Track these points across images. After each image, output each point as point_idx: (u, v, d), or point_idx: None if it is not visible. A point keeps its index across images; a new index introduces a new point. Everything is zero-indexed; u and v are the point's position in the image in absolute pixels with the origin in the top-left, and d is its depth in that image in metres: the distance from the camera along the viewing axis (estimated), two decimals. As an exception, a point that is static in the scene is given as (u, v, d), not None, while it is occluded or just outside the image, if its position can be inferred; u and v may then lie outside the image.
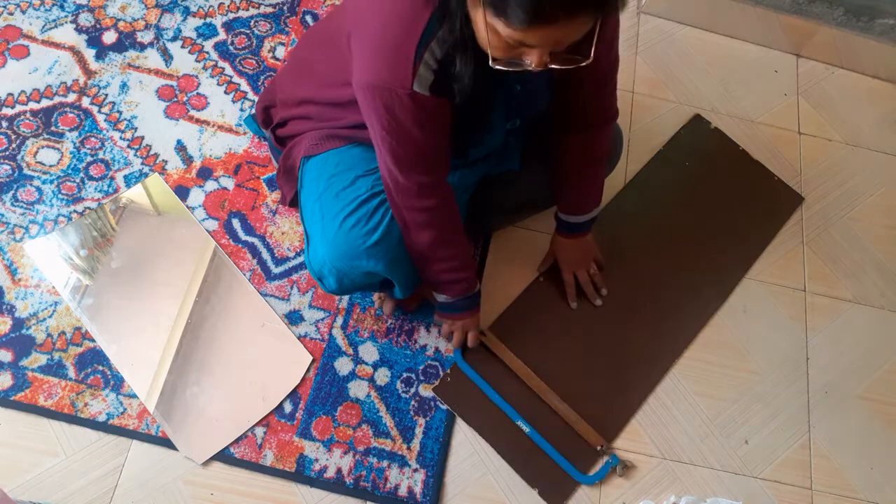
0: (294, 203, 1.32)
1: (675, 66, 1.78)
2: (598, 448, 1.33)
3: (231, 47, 1.61)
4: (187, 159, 1.48)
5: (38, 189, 1.41)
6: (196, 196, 1.45)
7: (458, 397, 1.34)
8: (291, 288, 1.40)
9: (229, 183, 1.47)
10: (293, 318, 1.37)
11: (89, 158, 1.46)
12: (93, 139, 1.47)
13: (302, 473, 1.25)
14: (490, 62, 0.87)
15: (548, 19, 0.78)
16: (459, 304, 1.26)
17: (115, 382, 1.28)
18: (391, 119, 0.96)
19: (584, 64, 0.86)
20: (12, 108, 1.48)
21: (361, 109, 1.01)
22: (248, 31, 1.63)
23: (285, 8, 1.67)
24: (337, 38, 1.04)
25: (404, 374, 1.35)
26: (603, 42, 0.90)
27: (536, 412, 1.34)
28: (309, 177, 1.18)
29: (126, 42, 1.58)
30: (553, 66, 0.86)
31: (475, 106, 1.00)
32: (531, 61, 0.85)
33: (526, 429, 1.32)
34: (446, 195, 1.11)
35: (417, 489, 1.27)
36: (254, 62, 1.60)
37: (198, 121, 1.52)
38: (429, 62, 0.91)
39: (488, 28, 0.83)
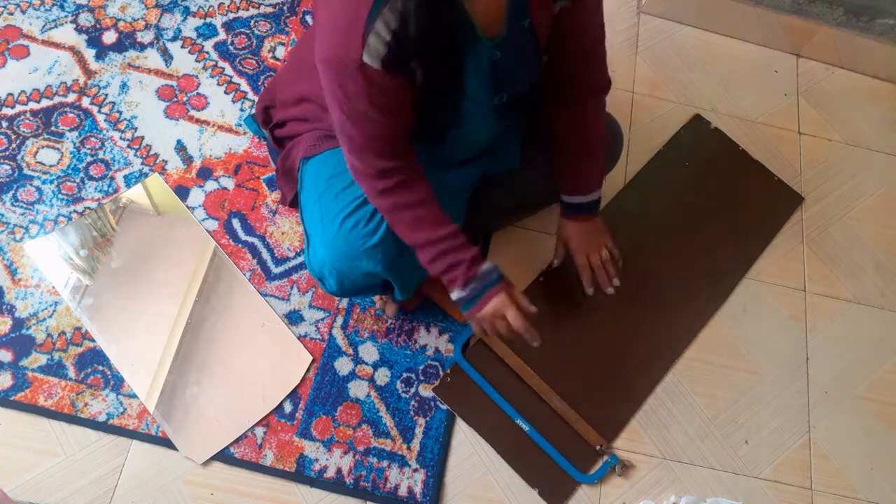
0: (294, 203, 1.32)
1: (675, 66, 1.78)
2: (598, 448, 1.33)
3: (231, 47, 1.61)
4: (187, 159, 1.48)
5: (38, 189, 1.41)
6: (196, 196, 1.45)
7: (458, 397, 1.34)
8: (291, 288, 1.40)
9: (229, 183, 1.47)
10: (293, 318, 1.37)
11: (89, 158, 1.46)
12: (93, 139, 1.47)
13: (302, 473, 1.25)
14: None
15: None
16: (472, 292, 1.10)
17: (115, 382, 1.28)
18: (344, 95, 0.93)
19: None
20: (12, 108, 1.48)
21: (324, 93, 0.98)
22: (248, 31, 1.63)
23: (285, 8, 1.67)
24: None
25: (404, 374, 1.35)
26: (587, 7, 0.87)
27: (536, 411, 1.34)
28: (308, 178, 1.17)
29: (126, 42, 1.58)
30: None
31: (444, 75, 0.96)
32: None
33: (525, 427, 1.32)
34: (410, 175, 1.04)
35: (417, 489, 1.27)
36: (254, 62, 1.60)
37: (198, 121, 1.52)
38: (380, 32, 0.87)
39: None
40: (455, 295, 1.11)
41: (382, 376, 1.35)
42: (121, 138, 1.48)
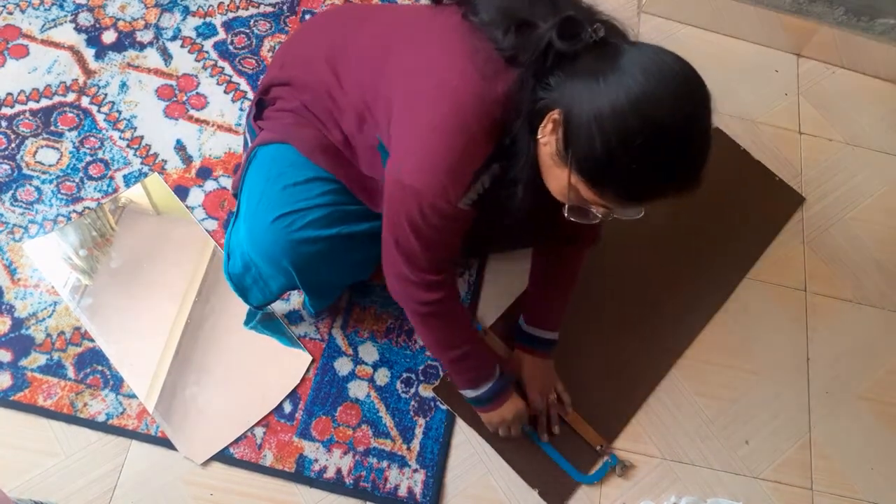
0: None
1: (675, 65, 1.78)
2: (598, 448, 1.32)
3: (231, 47, 1.61)
4: (187, 159, 1.48)
5: (38, 189, 1.41)
6: (196, 196, 1.45)
7: (458, 397, 1.33)
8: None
9: (229, 182, 1.47)
10: (293, 317, 1.37)
11: (89, 158, 1.45)
12: (92, 139, 1.47)
13: (301, 474, 1.25)
14: (565, 213, 0.91)
15: (637, 202, 0.86)
16: (485, 395, 1.22)
17: (115, 382, 1.28)
18: (422, 219, 0.96)
19: (638, 217, 0.92)
20: (11, 107, 1.48)
21: (387, 198, 1.00)
22: (247, 31, 1.63)
23: (285, 7, 1.67)
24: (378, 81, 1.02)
25: (404, 375, 1.35)
26: None
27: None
28: (266, 157, 1.15)
29: (125, 41, 1.58)
30: (615, 216, 0.91)
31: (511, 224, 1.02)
32: (598, 212, 0.90)
33: (525, 428, 1.32)
34: (451, 292, 1.10)
35: (417, 489, 1.27)
36: (253, 62, 1.60)
37: (197, 120, 1.52)
38: (478, 187, 0.95)
39: (570, 187, 0.87)
40: (468, 394, 1.23)
41: (382, 376, 1.35)
42: (120, 138, 1.48)
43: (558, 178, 0.88)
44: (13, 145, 1.44)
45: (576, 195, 0.88)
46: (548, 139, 0.87)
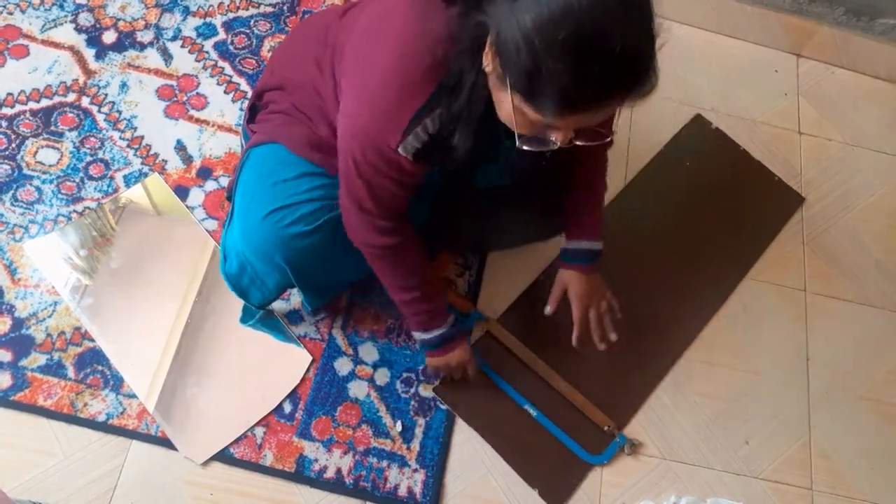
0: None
1: (675, 65, 1.78)
2: (606, 428, 1.33)
3: (231, 47, 1.61)
4: (187, 159, 1.48)
5: (38, 189, 1.41)
6: (196, 196, 1.45)
7: (458, 397, 1.34)
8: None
9: (229, 183, 1.47)
10: (293, 317, 1.37)
11: (89, 158, 1.45)
12: (92, 139, 1.47)
13: (302, 473, 1.25)
14: (517, 142, 0.88)
15: (579, 109, 0.80)
16: (434, 340, 1.21)
17: (115, 382, 1.28)
18: (365, 162, 0.97)
19: (607, 140, 0.88)
20: (12, 107, 1.48)
21: (339, 139, 1.02)
22: (247, 31, 1.63)
23: (285, 7, 1.67)
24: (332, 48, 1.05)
25: (404, 374, 1.35)
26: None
27: (543, 397, 1.34)
28: (256, 157, 1.16)
29: (126, 42, 1.58)
30: (578, 142, 0.87)
31: (463, 168, 1.00)
32: (557, 139, 0.86)
33: (533, 413, 1.32)
34: (405, 236, 1.09)
35: (417, 489, 1.27)
36: (254, 62, 1.60)
37: (197, 120, 1.52)
38: (419, 134, 0.93)
39: (515, 110, 0.84)
40: (418, 336, 1.22)
41: (382, 376, 1.35)
42: (120, 138, 1.48)
43: (504, 104, 0.86)
44: (13, 145, 1.44)
45: (523, 119, 0.85)
46: (490, 65, 0.85)
